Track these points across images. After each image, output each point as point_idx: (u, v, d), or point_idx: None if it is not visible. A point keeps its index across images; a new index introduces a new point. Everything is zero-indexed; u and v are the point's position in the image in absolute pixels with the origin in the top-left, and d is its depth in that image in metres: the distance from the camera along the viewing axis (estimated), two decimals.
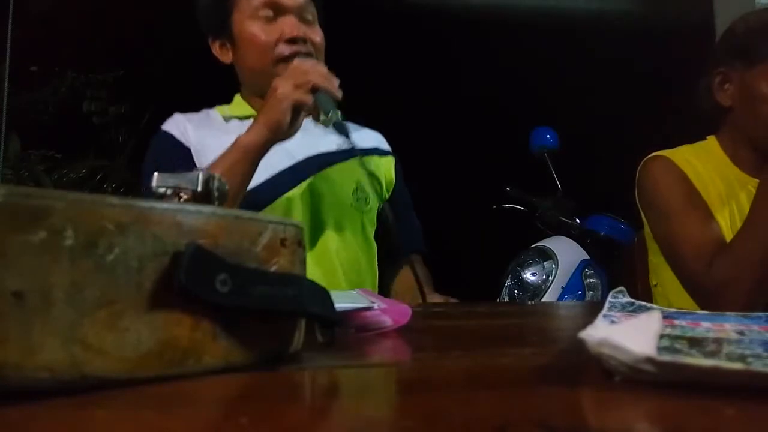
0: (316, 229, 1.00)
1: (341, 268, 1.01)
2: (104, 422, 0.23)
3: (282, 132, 0.86)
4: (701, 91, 1.12)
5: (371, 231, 1.09)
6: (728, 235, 1.00)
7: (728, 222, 1.04)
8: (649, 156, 1.13)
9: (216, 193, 0.35)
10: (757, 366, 0.26)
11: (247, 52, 1.02)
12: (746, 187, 1.06)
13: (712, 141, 1.14)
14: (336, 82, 0.88)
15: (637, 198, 1.15)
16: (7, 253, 0.25)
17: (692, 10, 2.13)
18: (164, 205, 0.29)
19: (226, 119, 1.08)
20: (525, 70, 2.78)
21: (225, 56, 1.07)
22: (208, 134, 1.00)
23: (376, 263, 1.10)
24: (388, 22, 2.91)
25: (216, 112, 1.11)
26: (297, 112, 0.86)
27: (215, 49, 1.08)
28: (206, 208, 0.31)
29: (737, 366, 0.26)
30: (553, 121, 2.14)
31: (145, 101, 3.14)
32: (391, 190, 1.15)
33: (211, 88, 1.28)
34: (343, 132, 0.88)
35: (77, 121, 3.17)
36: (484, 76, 2.92)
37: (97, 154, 3.25)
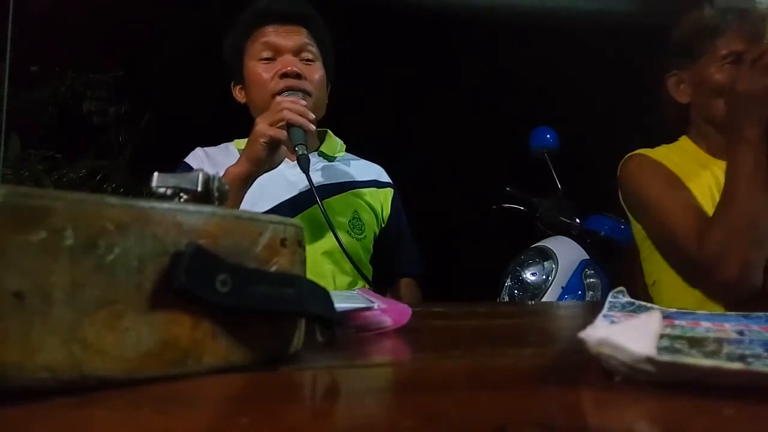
0: (314, 254, 1.08)
1: (337, 289, 1.09)
2: (104, 422, 0.23)
3: (263, 164, 0.97)
4: (663, 98, 1.20)
5: (367, 257, 1.17)
6: (710, 209, 1.03)
7: (709, 198, 1.06)
8: (627, 155, 1.17)
9: (216, 193, 0.35)
10: (757, 366, 0.26)
11: (252, 90, 1.13)
12: (723, 168, 1.09)
13: (684, 140, 1.19)
14: (311, 116, 0.99)
15: (621, 199, 1.18)
16: (7, 253, 0.25)
17: (692, 11, 2.13)
18: (164, 205, 0.29)
19: (240, 152, 1.18)
20: (525, 70, 2.78)
21: (241, 97, 1.18)
22: (223, 166, 1.07)
23: (370, 286, 1.17)
24: (389, 22, 2.91)
25: (233, 146, 1.20)
26: (274, 146, 0.97)
27: (235, 92, 1.20)
28: (206, 208, 0.31)
29: (737, 366, 0.26)
30: (553, 121, 2.13)
31: (145, 101, 3.14)
32: (386, 219, 1.23)
33: (210, 89, 1.29)
34: (304, 167, 0.96)
35: (77, 121, 3.17)
36: (484, 76, 2.92)
37: (97, 154, 3.25)
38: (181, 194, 0.34)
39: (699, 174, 1.10)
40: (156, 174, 0.35)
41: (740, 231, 0.93)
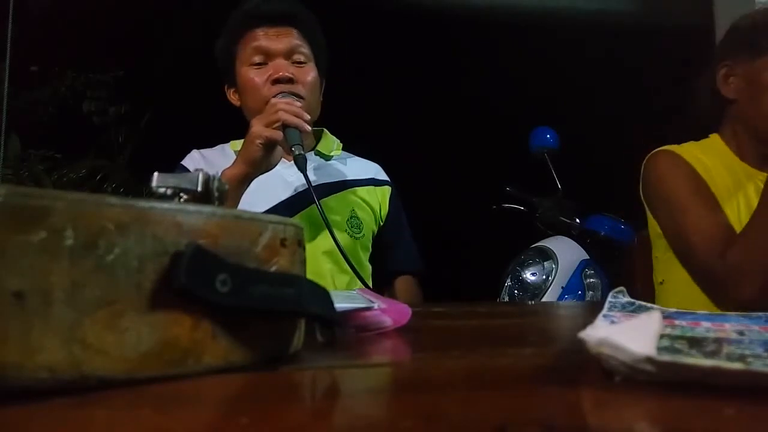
0: (313, 253, 1.08)
1: (336, 289, 1.08)
2: (104, 422, 0.23)
3: (259, 165, 0.97)
4: (701, 89, 1.14)
5: (365, 255, 1.17)
6: (737, 228, 1.01)
7: (737, 215, 1.04)
8: (655, 150, 1.13)
9: (216, 193, 0.35)
10: (757, 366, 0.26)
11: (245, 95, 1.12)
12: (754, 180, 1.07)
13: (715, 138, 1.14)
14: (306, 117, 0.98)
15: (641, 193, 1.15)
16: (7, 253, 0.25)
17: (692, 10, 2.13)
18: (164, 205, 0.29)
19: (236, 154, 1.17)
20: (525, 70, 2.78)
21: (235, 100, 1.18)
22: (219, 167, 1.07)
23: (370, 283, 1.17)
24: (389, 22, 2.91)
25: (229, 148, 1.20)
26: (270, 147, 0.97)
27: (229, 95, 1.19)
28: (206, 208, 0.31)
29: (737, 366, 0.26)
30: (553, 121, 2.14)
31: (145, 101, 3.14)
32: (384, 217, 1.23)
33: (210, 89, 1.29)
34: (302, 167, 0.96)
35: (77, 121, 3.18)
36: (484, 76, 2.92)
37: (97, 154, 3.25)
38: (181, 194, 0.34)
39: (726, 179, 1.07)
40: (156, 174, 0.35)
41: (766, 252, 0.90)
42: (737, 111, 1.09)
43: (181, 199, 0.34)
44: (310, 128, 1.01)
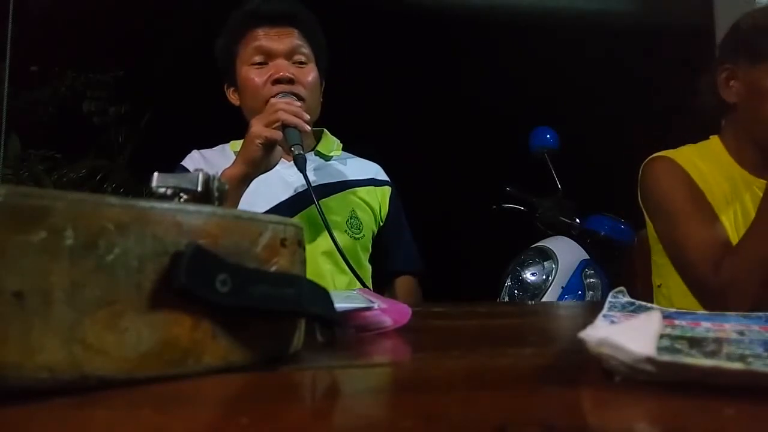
0: (313, 254, 1.08)
1: (335, 289, 1.07)
2: (104, 422, 0.23)
3: (258, 165, 0.98)
4: (704, 89, 1.11)
5: (365, 256, 1.17)
6: (733, 237, 0.99)
7: (732, 223, 1.03)
8: (652, 156, 1.11)
9: (216, 193, 0.35)
10: (757, 366, 0.26)
11: (245, 94, 1.12)
12: (751, 187, 1.05)
13: (715, 141, 1.12)
14: (306, 117, 0.99)
15: (639, 199, 1.13)
16: (7, 253, 0.25)
17: (692, 11, 2.13)
18: (164, 205, 0.29)
19: (236, 154, 1.15)
20: (525, 70, 2.78)
21: (235, 99, 1.18)
22: (220, 168, 1.07)
23: (370, 284, 1.17)
24: (388, 22, 2.91)
25: (229, 148, 1.20)
26: (270, 147, 0.97)
27: (229, 94, 1.19)
28: (206, 208, 0.31)
29: (737, 366, 0.26)
30: (553, 121, 2.13)
31: (145, 101, 3.14)
32: (384, 218, 1.23)
33: (210, 89, 1.29)
34: (302, 168, 0.96)
35: (77, 121, 3.18)
36: (484, 76, 2.92)
37: (97, 154, 3.25)
38: (181, 194, 0.34)
39: (723, 185, 1.06)
40: (156, 174, 0.35)
41: (761, 265, 0.88)
42: (737, 115, 1.06)
43: (181, 199, 0.34)
44: (309, 128, 1.01)
